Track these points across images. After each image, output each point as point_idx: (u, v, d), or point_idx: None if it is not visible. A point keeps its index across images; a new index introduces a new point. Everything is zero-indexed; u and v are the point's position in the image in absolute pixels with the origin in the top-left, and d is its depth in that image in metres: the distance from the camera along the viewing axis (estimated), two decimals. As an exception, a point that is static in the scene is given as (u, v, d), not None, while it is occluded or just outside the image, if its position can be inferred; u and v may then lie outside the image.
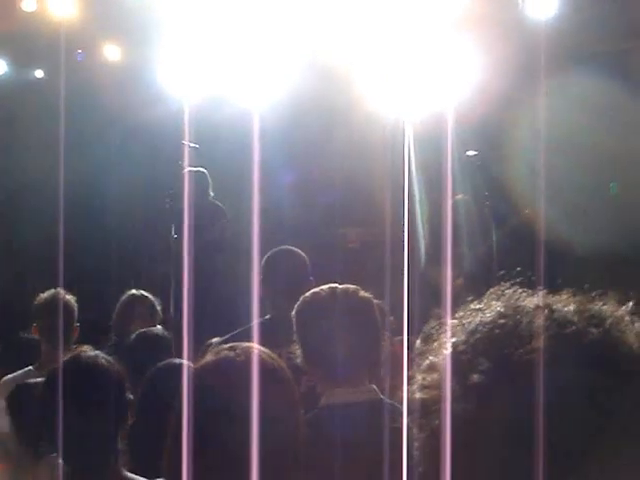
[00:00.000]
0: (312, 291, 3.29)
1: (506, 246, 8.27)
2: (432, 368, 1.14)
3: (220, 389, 2.04)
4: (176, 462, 2.02)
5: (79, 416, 2.85)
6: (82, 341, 5.17)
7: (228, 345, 2.15)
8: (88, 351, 3.04)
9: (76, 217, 10.44)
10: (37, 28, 9.57)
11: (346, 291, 3.20)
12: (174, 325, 5.63)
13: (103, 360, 3.01)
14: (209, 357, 2.13)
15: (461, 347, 1.12)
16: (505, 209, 8.75)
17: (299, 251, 5.26)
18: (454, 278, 7.48)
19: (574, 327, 1.08)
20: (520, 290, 1.19)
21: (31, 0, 9.58)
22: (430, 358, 1.16)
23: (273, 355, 2.17)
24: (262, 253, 5.06)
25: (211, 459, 2.00)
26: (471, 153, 8.73)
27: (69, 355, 3.06)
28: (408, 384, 1.17)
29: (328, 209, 9.28)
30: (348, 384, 3.06)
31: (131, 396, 3.04)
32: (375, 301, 3.35)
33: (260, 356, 2.12)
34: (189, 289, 4.57)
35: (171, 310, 5.80)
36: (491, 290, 1.22)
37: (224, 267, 8.77)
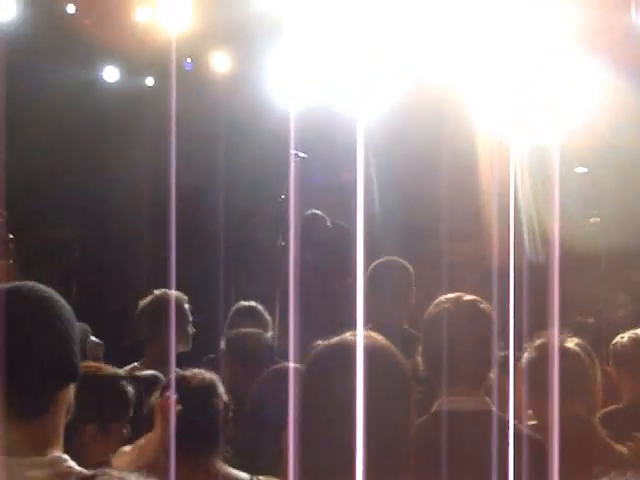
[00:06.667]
0: (442, 297, 3.41)
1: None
2: None
3: (340, 369, 2.07)
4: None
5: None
6: (195, 343, 5.31)
7: (349, 332, 2.19)
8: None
9: (182, 226, 10.57)
10: (149, 37, 9.77)
11: (472, 301, 3.35)
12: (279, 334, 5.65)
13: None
14: (331, 341, 2.18)
15: None
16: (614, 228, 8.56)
17: (404, 262, 5.33)
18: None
19: None
20: None
21: (144, 10, 9.83)
22: None
23: (392, 345, 2.21)
24: (367, 263, 5.07)
25: (328, 444, 2.05)
26: (581, 170, 8.59)
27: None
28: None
29: (433, 222, 9.20)
30: (463, 392, 3.16)
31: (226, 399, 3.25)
32: None
33: (380, 342, 2.18)
34: (295, 297, 4.58)
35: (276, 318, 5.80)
36: None
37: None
